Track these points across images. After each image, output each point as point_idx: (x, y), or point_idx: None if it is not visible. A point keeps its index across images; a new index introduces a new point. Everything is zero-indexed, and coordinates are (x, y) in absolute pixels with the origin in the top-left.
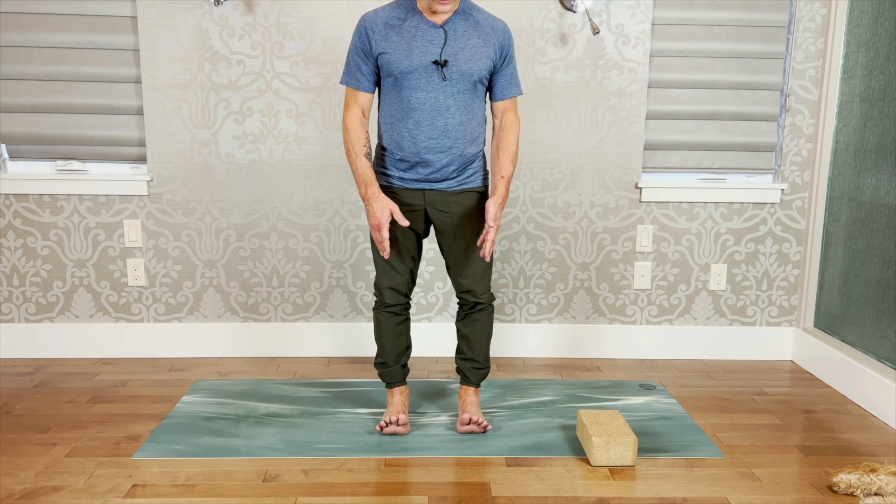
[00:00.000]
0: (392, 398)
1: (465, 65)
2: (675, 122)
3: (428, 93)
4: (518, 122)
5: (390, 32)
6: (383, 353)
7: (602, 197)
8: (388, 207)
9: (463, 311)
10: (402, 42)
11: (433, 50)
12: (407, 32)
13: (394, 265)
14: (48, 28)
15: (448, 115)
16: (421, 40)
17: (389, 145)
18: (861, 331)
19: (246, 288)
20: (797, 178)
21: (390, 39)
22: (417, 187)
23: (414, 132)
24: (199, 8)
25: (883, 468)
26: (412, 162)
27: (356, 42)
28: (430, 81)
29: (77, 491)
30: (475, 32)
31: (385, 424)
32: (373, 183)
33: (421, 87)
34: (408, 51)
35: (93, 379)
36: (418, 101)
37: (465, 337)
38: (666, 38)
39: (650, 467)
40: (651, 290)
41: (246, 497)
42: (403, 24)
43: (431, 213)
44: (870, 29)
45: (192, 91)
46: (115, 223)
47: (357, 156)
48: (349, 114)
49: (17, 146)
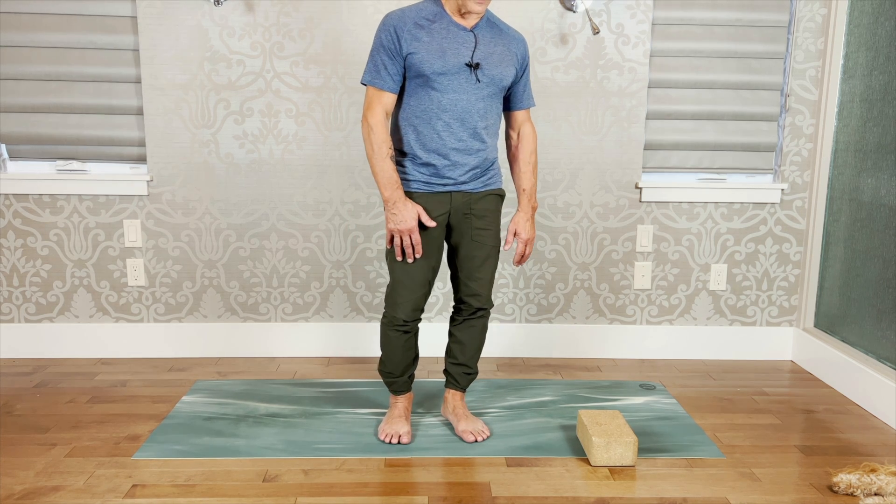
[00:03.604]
0: (396, 404)
1: (495, 69)
2: (675, 122)
3: (460, 94)
4: (535, 133)
5: (420, 33)
6: (390, 364)
7: (602, 197)
8: (416, 209)
9: (461, 316)
10: (434, 42)
11: (464, 52)
12: (437, 34)
13: (416, 277)
14: (48, 28)
15: (478, 118)
16: (452, 42)
17: (413, 149)
18: (861, 331)
19: (246, 288)
20: (797, 178)
21: (420, 39)
22: (443, 190)
23: (443, 134)
24: (199, 8)
25: (883, 468)
26: (438, 165)
27: (383, 41)
28: (462, 83)
29: (77, 491)
30: (500, 40)
31: (388, 438)
32: (399, 186)
33: (453, 88)
34: (440, 51)
35: (93, 379)
36: (450, 103)
37: (459, 342)
38: (666, 38)
39: (650, 467)
40: (651, 291)
41: (246, 497)
42: (433, 25)
43: (454, 218)
44: (870, 29)
45: (192, 91)
46: (115, 223)
47: (383, 157)
48: (374, 114)
49: (17, 146)
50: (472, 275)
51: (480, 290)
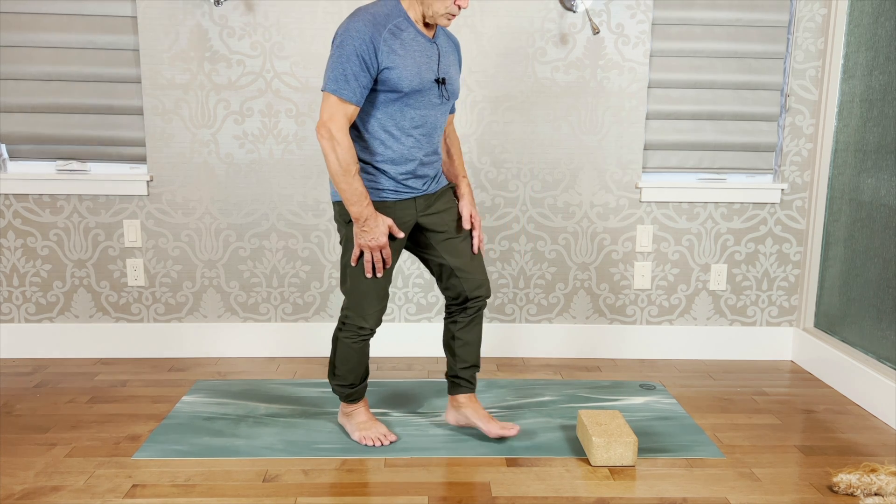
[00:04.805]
0: (358, 410)
1: (454, 83)
2: (675, 122)
3: (430, 110)
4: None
5: (395, 44)
6: (351, 375)
7: (602, 197)
8: (387, 223)
9: (467, 316)
10: (409, 57)
11: (432, 67)
12: (409, 46)
13: (383, 284)
14: (48, 28)
15: (440, 131)
16: (422, 55)
17: (381, 161)
18: (861, 331)
19: (246, 288)
20: (797, 178)
21: (396, 52)
22: (409, 196)
23: (414, 150)
24: (199, 8)
25: (883, 468)
26: (406, 176)
27: (358, 49)
28: (432, 99)
29: (77, 491)
30: (450, 48)
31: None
32: (369, 200)
33: (424, 104)
34: (416, 67)
35: (92, 379)
36: (422, 119)
37: (467, 343)
38: (666, 38)
39: (650, 467)
40: (651, 291)
41: (246, 497)
42: (403, 35)
43: (424, 220)
44: (870, 29)
45: (192, 91)
46: (115, 223)
47: (353, 174)
48: (338, 127)
49: (17, 146)
50: (471, 265)
51: (482, 276)
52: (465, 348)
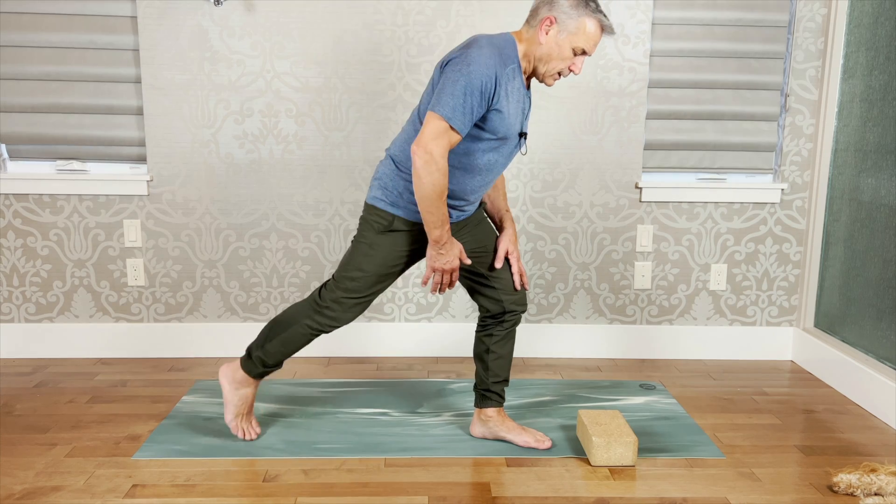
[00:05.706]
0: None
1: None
2: (675, 122)
3: (504, 157)
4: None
5: (510, 87)
6: (279, 358)
7: (602, 197)
8: (459, 247)
9: (504, 329)
10: (513, 104)
11: (521, 119)
12: (514, 94)
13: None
14: (48, 28)
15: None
16: (518, 105)
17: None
18: (861, 331)
19: (246, 288)
20: (797, 178)
21: (510, 96)
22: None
23: (476, 188)
24: (199, 8)
25: (883, 468)
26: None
27: (484, 83)
28: (512, 149)
29: (77, 491)
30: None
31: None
32: (450, 224)
33: (502, 152)
34: (517, 115)
35: (93, 379)
36: (494, 163)
37: (500, 357)
38: (666, 38)
39: (650, 467)
40: (651, 290)
41: (246, 497)
42: (514, 80)
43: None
44: (870, 29)
45: (192, 91)
46: (115, 223)
47: (444, 199)
48: (443, 153)
49: (17, 146)
50: (511, 279)
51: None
52: (498, 362)
